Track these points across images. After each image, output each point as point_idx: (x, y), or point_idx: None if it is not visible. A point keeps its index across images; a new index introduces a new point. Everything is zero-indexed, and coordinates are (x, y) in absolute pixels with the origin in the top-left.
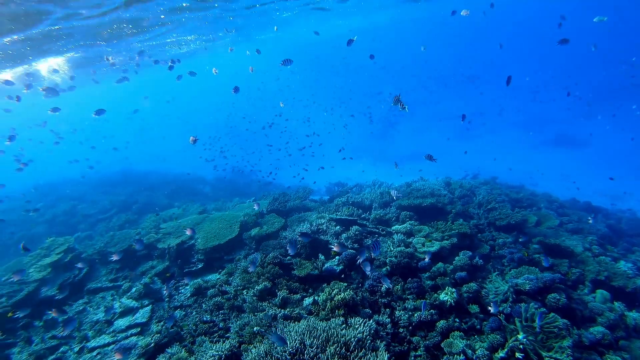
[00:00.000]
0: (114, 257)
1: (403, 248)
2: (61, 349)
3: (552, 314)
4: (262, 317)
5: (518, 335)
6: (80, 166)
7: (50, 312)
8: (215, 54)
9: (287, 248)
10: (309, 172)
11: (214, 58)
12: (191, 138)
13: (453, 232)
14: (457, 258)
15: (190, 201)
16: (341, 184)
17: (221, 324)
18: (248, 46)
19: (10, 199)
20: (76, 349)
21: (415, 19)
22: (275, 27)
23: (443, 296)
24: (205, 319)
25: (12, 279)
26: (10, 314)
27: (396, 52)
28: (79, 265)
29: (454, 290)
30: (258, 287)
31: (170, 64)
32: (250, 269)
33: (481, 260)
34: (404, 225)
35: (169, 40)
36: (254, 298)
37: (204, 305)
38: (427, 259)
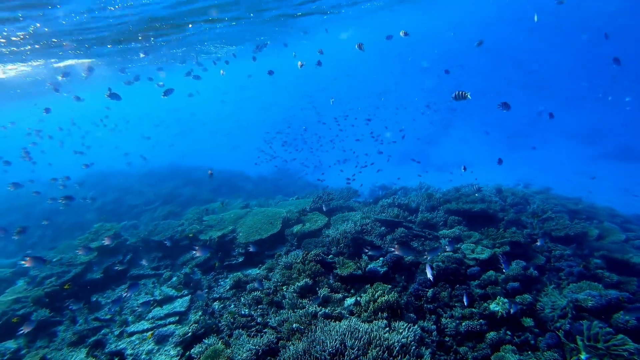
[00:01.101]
0: (167, 243)
1: (451, 253)
2: (102, 331)
3: (620, 336)
4: (302, 314)
5: (580, 355)
6: (130, 158)
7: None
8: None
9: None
10: (352, 174)
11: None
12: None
13: (505, 240)
14: (509, 267)
15: (233, 197)
16: (385, 187)
17: (259, 319)
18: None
19: (66, 187)
20: (116, 332)
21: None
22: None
23: (494, 306)
24: (243, 312)
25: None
26: (67, 286)
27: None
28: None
29: (506, 300)
30: (299, 284)
31: (218, 62)
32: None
33: (536, 272)
34: (452, 230)
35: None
36: (294, 294)
37: (242, 299)
38: (476, 266)
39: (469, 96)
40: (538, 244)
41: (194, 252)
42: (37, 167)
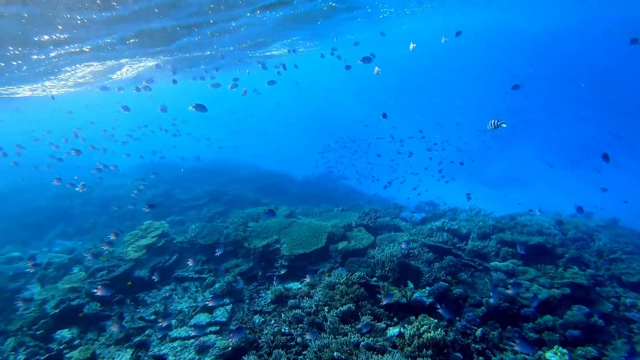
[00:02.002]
0: (218, 252)
1: (503, 289)
2: (147, 331)
3: None
4: (343, 342)
5: None
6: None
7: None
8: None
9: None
10: (397, 186)
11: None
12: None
13: (565, 280)
14: (569, 312)
15: (278, 199)
16: (433, 203)
17: (299, 339)
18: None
19: (122, 176)
20: (159, 335)
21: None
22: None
23: (551, 355)
24: (284, 330)
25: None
26: (130, 283)
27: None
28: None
29: (565, 351)
30: (342, 309)
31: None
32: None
33: (601, 321)
34: (505, 263)
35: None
36: (336, 319)
37: (283, 315)
38: (532, 307)
39: (504, 125)
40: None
41: (238, 260)
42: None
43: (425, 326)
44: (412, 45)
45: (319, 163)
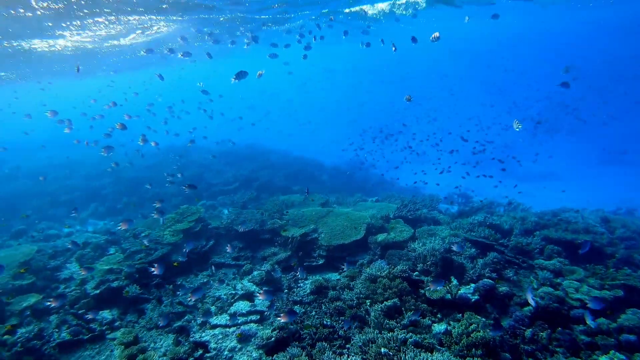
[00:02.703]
0: (267, 236)
1: (551, 289)
2: (186, 317)
3: None
4: (389, 337)
5: None
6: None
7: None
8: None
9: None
10: (426, 175)
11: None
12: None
13: (617, 282)
14: (623, 316)
15: (308, 187)
16: (465, 195)
17: (341, 332)
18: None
19: (153, 156)
20: (199, 321)
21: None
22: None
23: None
24: (325, 322)
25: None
26: (175, 264)
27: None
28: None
29: (622, 357)
30: (387, 304)
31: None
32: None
33: None
34: (551, 262)
35: None
36: (380, 313)
37: (323, 307)
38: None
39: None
40: None
41: (275, 248)
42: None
43: (474, 325)
44: (435, 35)
45: (348, 151)
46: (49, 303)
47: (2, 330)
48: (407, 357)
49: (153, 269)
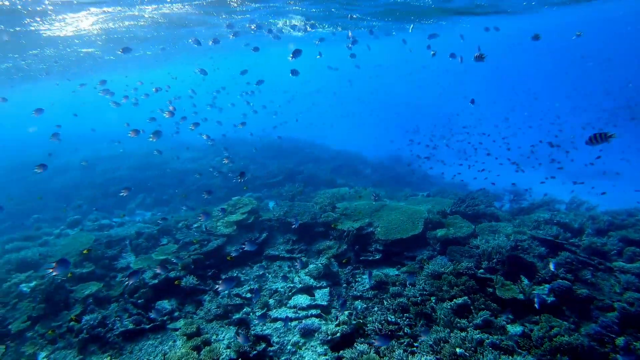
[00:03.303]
0: (294, 225)
1: (638, 295)
2: (244, 309)
3: None
4: (463, 337)
5: None
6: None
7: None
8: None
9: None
10: (470, 171)
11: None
12: None
13: None
14: None
15: (352, 180)
16: (517, 192)
17: (407, 329)
18: None
19: (197, 149)
20: (258, 313)
21: None
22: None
23: None
24: (390, 319)
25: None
26: (229, 258)
27: None
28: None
29: None
30: (457, 302)
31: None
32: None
33: None
34: (634, 264)
35: None
36: (450, 312)
37: (385, 302)
38: None
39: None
40: None
41: (330, 241)
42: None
43: (556, 328)
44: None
45: (391, 146)
46: (125, 279)
47: (68, 318)
48: None
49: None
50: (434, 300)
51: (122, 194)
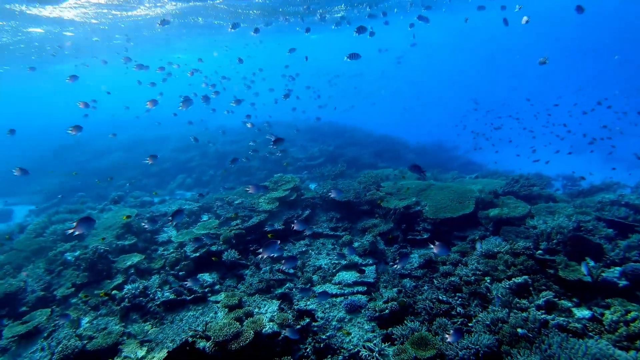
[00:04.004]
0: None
1: None
2: (287, 284)
3: None
4: (524, 317)
5: None
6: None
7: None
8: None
9: None
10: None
11: None
12: None
13: None
14: None
15: (394, 165)
16: (572, 178)
17: (459, 309)
18: None
19: (236, 132)
20: (301, 289)
21: None
22: None
23: None
24: (441, 298)
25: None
26: (270, 235)
27: None
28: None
29: None
30: (516, 281)
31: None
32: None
33: None
34: None
35: None
36: (508, 291)
37: (435, 282)
38: None
39: None
40: None
41: (376, 219)
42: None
43: (634, 312)
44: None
45: (436, 130)
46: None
47: (111, 286)
48: (552, 342)
49: (293, 225)
50: (488, 280)
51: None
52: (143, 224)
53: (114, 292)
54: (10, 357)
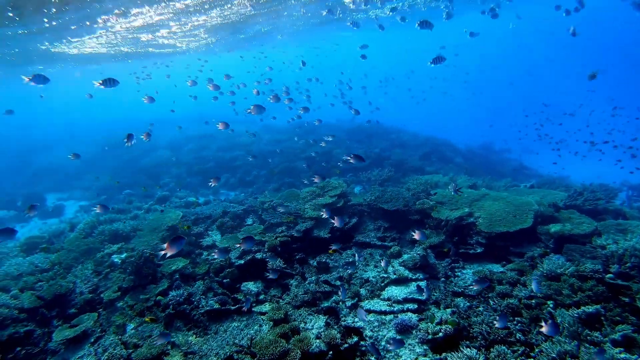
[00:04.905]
0: (415, 218)
1: None
2: (333, 297)
3: None
4: (601, 354)
5: None
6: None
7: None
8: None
9: None
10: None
11: None
12: None
13: None
14: None
15: (442, 168)
16: (638, 187)
17: (519, 335)
18: None
19: (279, 131)
20: (348, 303)
21: None
22: None
23: None
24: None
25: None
26: (332, 252)
27: None
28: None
29: None
30: (587, 310)
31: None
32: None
33: None
34: None
35: None
36: (576, 321)
37: (491, 302)
38: None
39: None
40: None
41: (426, 230)
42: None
43: None
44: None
45: (487, 132)
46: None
47: (156, 292)
48: None
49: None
50: (551, 305)
51: (211, 184)
52: (214, 255)
53: (158, 297)
54: None
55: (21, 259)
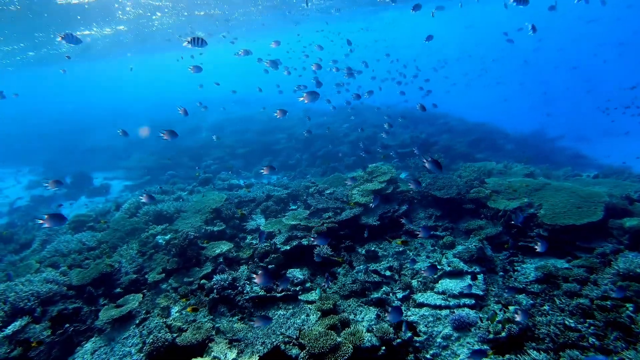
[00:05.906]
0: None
1: None
2: (383, 288)
3: None
4: None
5: None
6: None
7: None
8: None
9: None
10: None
11: None
12: None
13: None
14: None
15: (492, 156)
16: None
17: (592, 339)
18: None
19: (323, 114)
20: (399, 295)
21: None
22: None
23: None
24: (569, 324)
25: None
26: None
27: None
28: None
29: None
30: None
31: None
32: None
33: None
34: None
35: None
36: None
37: (558, 301)
38: None
39: None
40: None
41: (482, 221)
42: None
43: None
44: None
45: (536, 119)
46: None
47: (200, 275)
48: None
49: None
50: (631, 309)
51: (262, 171)
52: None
53: (202, 281)
54: (105, 339)
55: (69, 236)
